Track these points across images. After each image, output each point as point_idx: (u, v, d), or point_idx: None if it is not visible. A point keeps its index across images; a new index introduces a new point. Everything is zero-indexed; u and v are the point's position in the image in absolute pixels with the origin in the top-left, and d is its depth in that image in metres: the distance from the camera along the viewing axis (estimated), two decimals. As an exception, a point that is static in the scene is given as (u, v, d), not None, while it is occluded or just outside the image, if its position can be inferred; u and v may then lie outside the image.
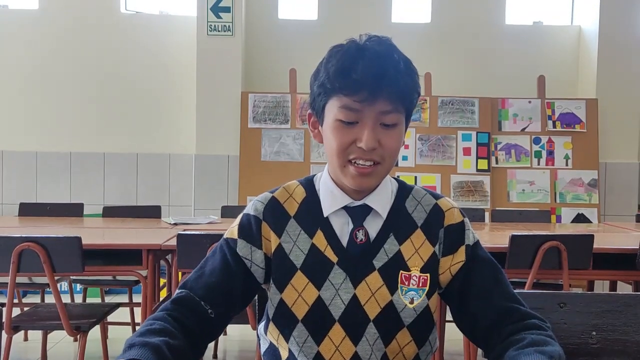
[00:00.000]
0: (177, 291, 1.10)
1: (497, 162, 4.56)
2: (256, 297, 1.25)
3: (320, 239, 1.11)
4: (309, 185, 1.16)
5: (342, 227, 1.12)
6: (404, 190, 1.16)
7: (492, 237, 3.02)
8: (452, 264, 1.12)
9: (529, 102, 4.64)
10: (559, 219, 4.47)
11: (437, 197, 1.17)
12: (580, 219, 4.47)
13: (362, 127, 1.04)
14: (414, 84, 1.06)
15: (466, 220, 1.15)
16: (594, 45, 4.73)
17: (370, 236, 1.11)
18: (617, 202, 4.67)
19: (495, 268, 1.13)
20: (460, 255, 1.12)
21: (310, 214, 1.13)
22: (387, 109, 1.03)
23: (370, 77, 1.01)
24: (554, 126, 4.58)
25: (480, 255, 1.13)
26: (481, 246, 1.15)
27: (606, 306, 1.28)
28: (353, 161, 1.06)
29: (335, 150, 1.06)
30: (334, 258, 1.10)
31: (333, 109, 1.05)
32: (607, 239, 3.02)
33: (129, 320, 3.28)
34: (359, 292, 1.08)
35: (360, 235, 1.11)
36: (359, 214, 1.12)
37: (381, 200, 1.13)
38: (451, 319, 1.19)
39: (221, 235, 1.20)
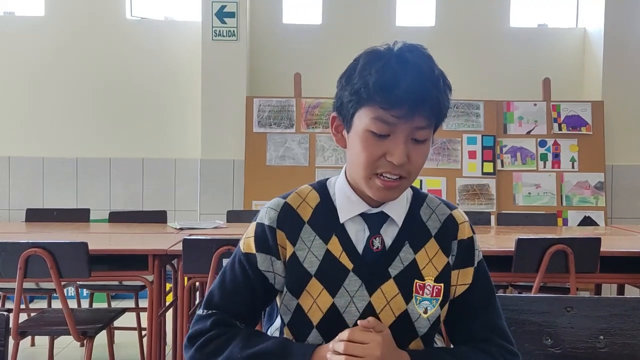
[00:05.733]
0: (204, 311, 1.10)
1: (502, 165, 4.55)
2: None
3: (335, 245, 1.09)
4: (323, 189, 1.15)
5: (358, 234, 1.10)
6: (418, 198, 1.16)
7: (498, 240, 3.00)
8: (458, 283, 1.13)
9: (535, 104, 4.63)
10: (565, 222, 4.45)
11: (451, 207, 1.17)
12: (586, 222, 4.44)
13: (395, 141, 1.01)
14: (449, 102, 1.05)
15: (475, 237, 1.15)
16: (599, 47, 4.71)
17: (386, 244, 1.10)
18: (624, 204, 4.65)
19: (489, 291, 1.14)
20: (467, 277, 1.13)
21: (325, 219, 1.11)
22: (422, 125, 1.01)
23: (413, 95, 0.98)
24: (560, 129, 4.57)
25: (481, 277, 1.14)
26: (483, 264, 1.16)
27: (614, 310, 1.27)
28: (380, 174, 1.04)
29: (363, 162, 1.03)
30: (349, 265, 1.08)
31: (365, 119, 1.02)
32: (614, 242, 3.00)
33: (135, 325, 3.28)
34: (374, 300, 1.08)
35: (377, 243, 1.10)
36: (375, 221, 1.10)
37: (398, 208, 1.12)
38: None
39: (227, 240, 1.21)
